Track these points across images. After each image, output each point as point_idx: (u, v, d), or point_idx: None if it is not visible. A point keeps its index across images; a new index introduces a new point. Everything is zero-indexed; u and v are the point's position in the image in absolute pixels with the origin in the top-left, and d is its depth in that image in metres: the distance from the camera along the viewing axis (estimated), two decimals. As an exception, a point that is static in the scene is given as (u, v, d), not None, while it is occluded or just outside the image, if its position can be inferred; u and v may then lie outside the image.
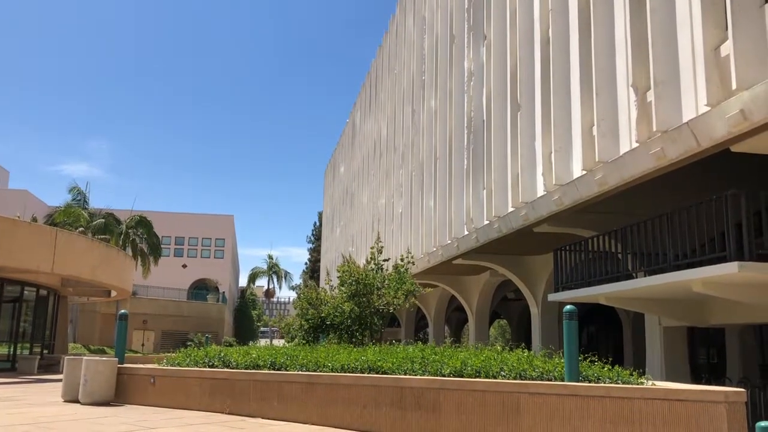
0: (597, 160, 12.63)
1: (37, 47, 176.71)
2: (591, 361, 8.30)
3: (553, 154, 14.73)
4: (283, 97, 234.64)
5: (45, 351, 27.38)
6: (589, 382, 7.52)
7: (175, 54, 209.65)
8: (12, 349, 24.90)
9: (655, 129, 10.68)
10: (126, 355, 13.14)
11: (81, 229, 39.01)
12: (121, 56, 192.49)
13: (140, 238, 46.13)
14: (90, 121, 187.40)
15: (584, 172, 13.32)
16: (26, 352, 25.70)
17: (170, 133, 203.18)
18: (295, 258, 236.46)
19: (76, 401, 11.75)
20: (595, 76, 12.81)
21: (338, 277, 16.04)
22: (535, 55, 16.34)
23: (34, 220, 35.70)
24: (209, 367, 11.33)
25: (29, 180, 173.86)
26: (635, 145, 11.50)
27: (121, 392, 11.85)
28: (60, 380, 13.16)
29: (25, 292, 25.58)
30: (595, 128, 12.86)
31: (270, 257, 76.79)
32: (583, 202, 13.89)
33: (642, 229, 12.98)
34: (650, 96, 10.96)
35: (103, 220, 43.24)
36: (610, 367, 7.93)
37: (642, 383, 7.39)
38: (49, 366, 25.19)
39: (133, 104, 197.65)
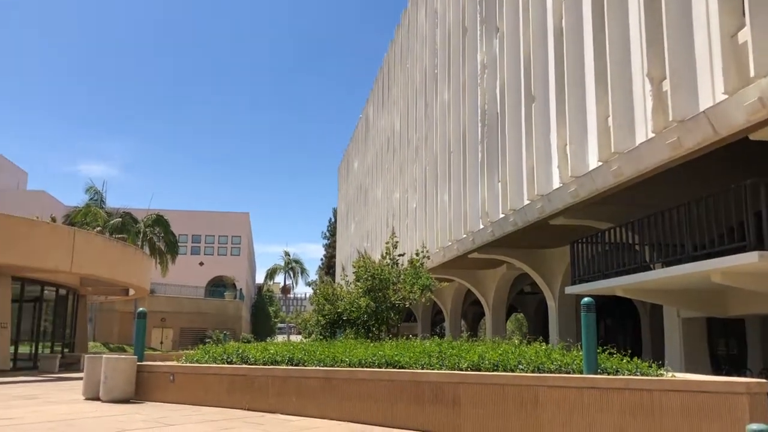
0: (613, 151, 12.54)
1: (55, 49, 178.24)
2: (609, 354, 8.26)
3: (568, 146, 14.64)
4: (296, 93, 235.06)
5: (65, 350, 27.65)
6: (608, 374, 7.48)
7: (189, 53, 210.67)
8: (33, 348, 25.18)
9: (671, 119, 10.58)
10: (145, 352, 13.24)
11: (98, 228, 39.35)
12: (137, 56, 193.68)
13: (157, 236, 46.47)
14: (106, 121, 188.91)
15: (600, 164, 13.23)
16: (47, 350, 25.98)
17: (185, 133, 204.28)
18: (310, 254, 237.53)
19: (97, 399, 11.86)
20: (609, 67, 12.70)
21: (354, 273, 16.09)
22: (549, 47, 16.23)
23: (53, 220, 35.99)
24: (228, 363, 11.40)
25: (47, 181, 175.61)
26: (651, 135, 11.41)
27: (140, 389, 11.95)
28: (81, 378, 13.29)
29: (45, 291, 25.84)
30: (610, 119, 12.77)
31: (287, 254, 77.18)
32: (600, 193, 13.80)
33: (659, 220, 12.88)
34: (666, 85, 10.86)
35: (121, 219, 43.61)
36: (629, 359, 7.88)
37: (661, 375, 7.34)
38: (70, 364, 25.45)
39: (148, 104, 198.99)
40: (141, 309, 13.28)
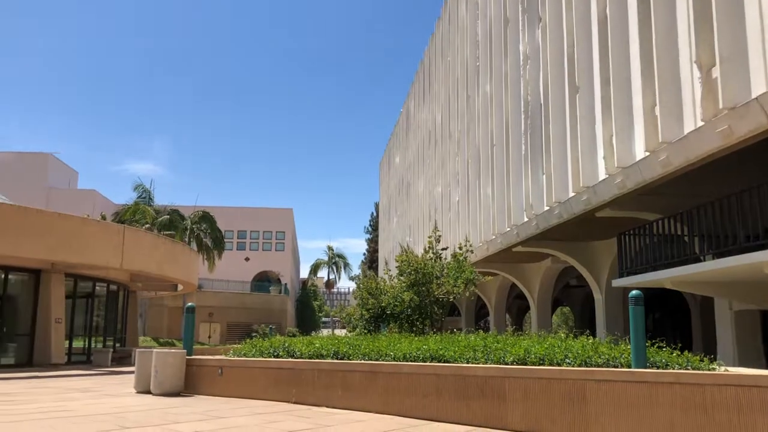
0: (660, 140, 12.27)
1: (100, 51, 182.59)
2: (658, 347, 8.09)
3: (614, 137, 14.38)
4: (336, 89, 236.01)
5: (117, 344, 28.43)
6: (657, 368, 7.34)
7: (229, 52, 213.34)
8: (87, 343, 25.96)
9: (721, 106, 10.30)
10: (194, 346, 13.49)
11: (147, 225, 40.29)
12: (179, 58, 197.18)
13: (204, 232, 47.28)
14: (152, 121, 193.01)
15: (647, 154, 12.97)
16: (100, 345, 26.74)
17: (228, 131, 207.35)
18: (353, 249, 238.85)
19: (148, 392, 12.16)
20: (655, 54, 12.42)
21: (397, 267, 16.09)
22: (593, 35, 15.95)
23: (103, 218, 37.03)
24: (274, 357, 11.54)
25: (97, 180, 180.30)
26: (700, 123, 11.12)
27: (190, 383, 12.20)
28: (132, 372, 13.62)
29: (97, 287, 26.60)
30: (657, 108, 12.49)
31: (330, 248, 77.68)
32: (647, 184, 13.53)
33: (709, 211, 12.56)
34: (715, 72, 10.57)
35: (168, 216, 44.52)
36: (679, 353, 7.72)
37: (713, 369, 7.16)
38: (122, 358, 26.15)
39: (190, 104, 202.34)
40: (189, 304, 13.53)
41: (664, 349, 8.03)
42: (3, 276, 21.77)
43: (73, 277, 24.22)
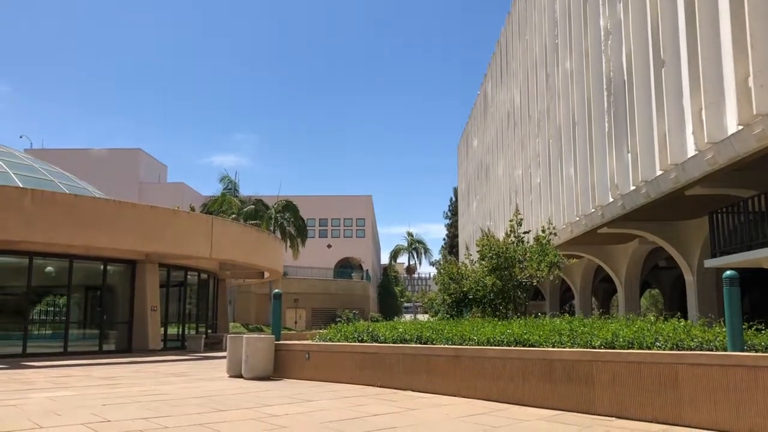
0: (755, 113, 11.65)
1: (186, 47, 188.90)
2: (757, 330, 7.75)
3: (703, 111, 13.75)
4: (411, 74, 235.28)
5: (209, 330, 29.54)
6: (756, 351, 7.03)
7: (304, 48, 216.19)
8: (180, 330, 27.11)
9: (822, 74, 9.67)
10: (281, 332, 13.86)
11: (233, 215, 41.58)
12: (264, 53, 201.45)
13: (287, 221, 48.38)
14: (234, 115, 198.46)
15: (740, 128, 12.34)
16: (192, 331, 27.87)
17: (306, 122, 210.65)
18: (432, 234, 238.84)
19: (240, 376, 12.62)
20: (748, 21, 11.76)
21: (478, 251, 16.00)
22: (678, 5, 15.25)
23: (192, 209, 38.43)
24: (359, 341, 11.74)
25: (185, 173, 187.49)
26: (799, 93, 10.48)
27: (278, 367, 12.57)
28: (224, 357, 14.16)
29: (188, 276, 27.69)
30: (751, 79, 11.85)
31: (410, 234, 77.98)
32: (740, 159, 12.89)
33: (811, 185, 11.86)
34: (815, 37, 9.92)
35: (253, 206, 45.81)
36: (780, 336, 7.37)
37: (818, 352, 6.79)
38: (213, 344, 27.17)
39: (270, 97, 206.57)
40: (276, 290, 13.91)
41: (763, 331, 7.69)
42: (102, 267, 23.00)
43: (166, 267, 25.28)
